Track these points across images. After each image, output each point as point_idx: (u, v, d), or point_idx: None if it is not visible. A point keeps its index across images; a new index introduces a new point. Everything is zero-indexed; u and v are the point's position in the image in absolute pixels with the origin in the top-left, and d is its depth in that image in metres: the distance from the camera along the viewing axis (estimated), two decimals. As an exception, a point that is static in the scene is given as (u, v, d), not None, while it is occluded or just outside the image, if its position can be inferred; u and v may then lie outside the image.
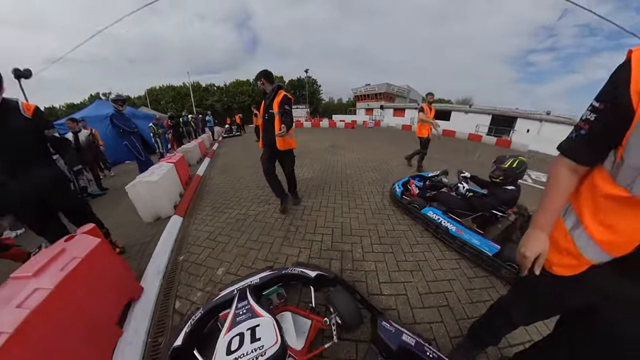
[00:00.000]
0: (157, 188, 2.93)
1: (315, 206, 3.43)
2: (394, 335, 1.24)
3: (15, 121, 1.61)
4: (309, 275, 1.65)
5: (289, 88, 40.49)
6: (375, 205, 3.49)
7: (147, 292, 1.94)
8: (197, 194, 4.07)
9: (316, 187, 4.23)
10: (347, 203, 3.55)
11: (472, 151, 10.03)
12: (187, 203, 3.55)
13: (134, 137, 4.09)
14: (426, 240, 2.64)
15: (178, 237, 2.76)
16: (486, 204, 2.44)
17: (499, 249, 2.09)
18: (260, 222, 2.98)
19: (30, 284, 1.18)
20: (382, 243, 2.56)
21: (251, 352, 1.01)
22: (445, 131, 17.61)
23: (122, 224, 3.10)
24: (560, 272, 0.82)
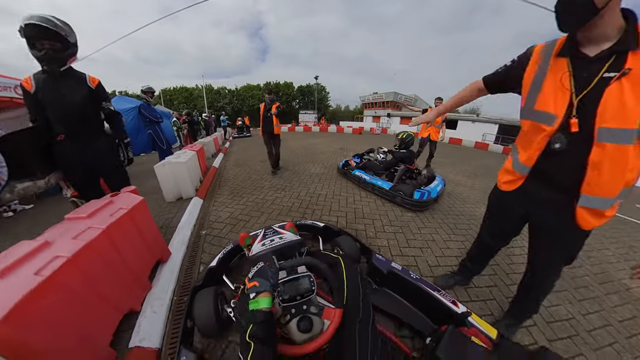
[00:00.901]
0: (183, 170, 3.15)
1: (329, 194, 3.57)
2: (385, 263, 1.54)
3: (82, 89, 1.80)
4: (318, 225, 2.07)
5: (298, 94, 41.35)
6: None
7: (174, 256, 2.08)
8: (215, 182, 4.26)
9: (328, 179, 4.39)
10: (358, 193, 3.68)
11: (476, 158, 10.02)
12: (207, 187, 3.75)
13: (158, 127, 4.33)
14: (432, 225, 2.77)
15: (199, 215, 2.92)
16: (390, 162, 3.96)
17: (391, 185, 3.41)
18: (278, 205, 3.13)
19: (85, 222, 1.35)
20: (393, 225, 2.68)
21: (277, 240, 1.37)
22: (452, 139, 17.72)
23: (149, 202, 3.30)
24: (505, 187, 1.27)
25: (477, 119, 24.86)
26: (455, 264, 2.06)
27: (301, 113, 30.41)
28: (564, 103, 0.93)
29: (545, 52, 0.99)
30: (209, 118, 12.86)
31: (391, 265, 1.51)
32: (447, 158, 8.61)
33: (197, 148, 4.35)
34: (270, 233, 1.56)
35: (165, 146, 4.39)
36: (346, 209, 3.06)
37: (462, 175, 5.67)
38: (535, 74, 1.01)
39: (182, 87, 39.27)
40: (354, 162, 4.63)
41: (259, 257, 1.28)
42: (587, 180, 0.93)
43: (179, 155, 3.53)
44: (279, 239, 1.42)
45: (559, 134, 0.96)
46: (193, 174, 3.56)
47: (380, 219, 2.84)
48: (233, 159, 6.64)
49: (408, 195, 3.12)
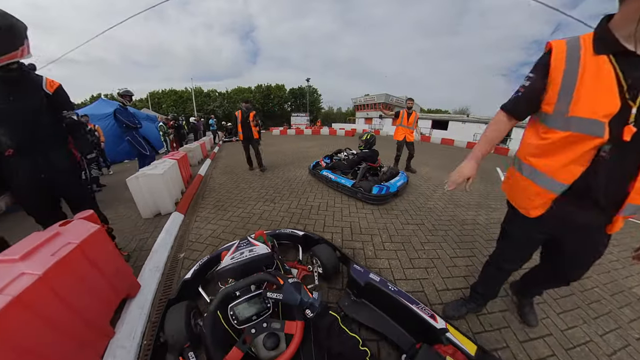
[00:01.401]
0: (159, 182, 2.82)
1: (322, 206, 3.33)
2: (362, 274, 1.47)
3: (35, 94, 1.51)
4: (298, 234, 2.02)
5: (290, 96, 41.06)
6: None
7: (145, 289, 1.79)
8: (199, 193, 3.94)
9: (321, 188, 4.15)
10: (354, 203, 3.45)
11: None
12: (189, 200, 3.42)
13: (136, 133, 4.00)
14: (436, 238, 2.56)
15: (178, 234, 2.61)
16: (353, 161, 4.17)
17: (353, 182, 3.60)
18: (267, 220, 2.86)
19: (16, 267, 1.05)
20: (393, 241, 2.47)
21: (247, 254, 1.28)
22: (444, 140, 17.93)
23: (119, 219, 2.96)
24: (535, 213, 1.06)
25: (467, 119, 25.33)
26: (464, 286, 1.87)
27: (293, 116, 30.15)
28: (613, 108, 0.77)
29: (572, 51, 0.84)
30: (198, 122, 12.38)
31: (369, 277, 1.46)
32: (440, 160, 8.55)
33: (178, 156, 4.02)
34: (244, 245, 1.51)
35: (147, 151, 4.05)
36: (341, 223, 2.81)
37: None
38: (563, 77, 0.85)
39: (171, 90, 38.39)
40: (324, 162, 4.88)
41: (223, 272, 1.24)
42: (636, 189, 0.84)
43: (156, 165, 3.19)
44: (248, 252, 1.36)
45: (609, 145, 0.81)
46: (173, 185, 3.24)
47: (379, 233, 2.61)
48: (221, 165, 6.31)
49: (367, 190, 3.37)
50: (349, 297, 1.52)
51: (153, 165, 3.15)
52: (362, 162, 4.02)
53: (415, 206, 3.50)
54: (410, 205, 3.51)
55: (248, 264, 1.25)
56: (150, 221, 2.90)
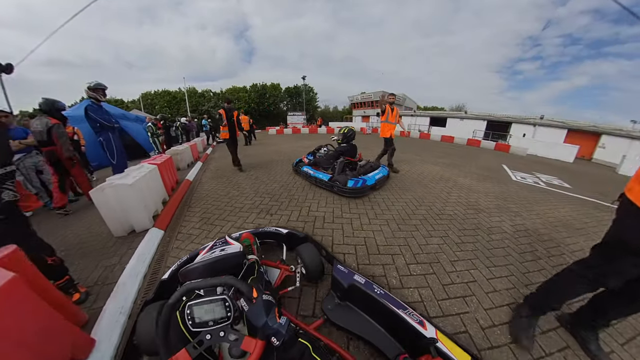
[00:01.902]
0: (131, 193, 2.32)
1: (328, 216, 2.88)
2: (347, 276, 1.37)
3: None
4: (281, 232, 1.89)
5: (286, 95, 40.47)
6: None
7: (101, 346, 1.31)
8: (185, 202, 3.45)
9: (325, 194, 3.69)
10: (364, 213, 3.00)
11: (474, 156, 9.65)
12: (171, 213, 2.93)
13: (112, 134, 3.47)
14: (466, 255, 2.11)
15: (154, 257, 2.14)
16: (332, 156, 4.26)
17: (330, 177, 3.66)
18: (262, 238, 2.38)
19: None
20: (419, 262, 2.01)
21: (217, 253, 1.18)
22: (444, 137, 17.59)
23: (88, 238, 2.47)
24: None
25: (465, 115, 25.08)
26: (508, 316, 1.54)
27: (289, 115, 29.58)
28: None
29: None
30: (190, 122, 11.77)
31: (353, 278, 1.36)
32: (447, 158, 8.16)
33: (160, 160, 3.52)
34: (219, 244, 1.38)
35: (115, 160, 3.51)
36: (353, 240, 2.35)
37: (471, 178, 5.12)
38: None
39: (164, 91, 37.57)
40: (307, 159, 4.85)
41: (188, 271, 1.09)
42: None
43: (128, 172, 2.69)
44: (219, 252, 1.22)
45: None
46: (151, 195, 2.76)
47: (401, 252, 2.15)
48: (212, 168, 5.80)
49: (343, 184, 3.40)
50: (332, 300, 1.42)
51: (126, 173, 2.65)
52: (341, 157, 4.07)
53: (434, 213, 3.07)
54: (429, 213, 3.09)
55: (213, 264, 1.10)
56: (122, 240, 2.41)
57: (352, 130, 4.24)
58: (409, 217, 2.92)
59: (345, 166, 4.02)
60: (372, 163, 4.30)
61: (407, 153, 8.67)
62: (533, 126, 19.93)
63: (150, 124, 9.10)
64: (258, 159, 6.86)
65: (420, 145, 12.07)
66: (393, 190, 3.98)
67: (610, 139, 15.14)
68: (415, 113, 28.74)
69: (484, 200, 3.74)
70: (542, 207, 3.60)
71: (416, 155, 8.29)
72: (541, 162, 9.89)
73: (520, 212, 3.31)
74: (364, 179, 3.50)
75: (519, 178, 5.59)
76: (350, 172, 3.86)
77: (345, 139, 4.19)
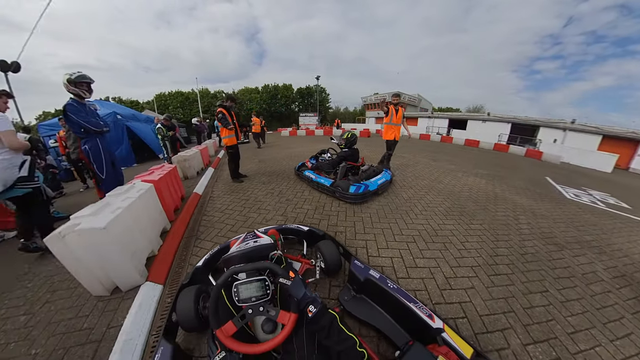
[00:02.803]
0: (106, 240, 1.47)
1: (360, 232, 1.96)
2: (363, 270, 1.49)
3: None
4: (303, 229, 2.05)
5: (298, 96, 39.90)
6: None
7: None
8: (191, 230, 2.65)
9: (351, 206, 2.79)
10: (397, 228, 2.08)
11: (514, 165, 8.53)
12: (172, 253, 2.11)
13: (100, 141, 2.73)
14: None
15: (151, 329, 1.33)
16: (335, 161, 4.17)
17: (331, 182, 3.65)
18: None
19: None
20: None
21: (251, 244, 1.36)
22: (468, 141, 16.51)
23: (52, 297, 1.70)
24: None
25: (487, 118, 23.67)
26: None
27: (301, 116, 28.89)
28: None
29: None
30: (200, 123, 11.10)
31: (369, 273, 1.46)
32: (484, 168, 7.13)
33: (159, 174, 2.69)
34: (250, 237, 1.50)
35: (104, 174, 2.76)
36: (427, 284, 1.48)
37: (525, 196, 4.44)
38: None
39: (177, 92, 37.87)
40: (310, 163, 4.69)
41: (229, 258, 1.28)
42: None
43: (108, 201, 1.81)
44: (253, 243, 1.39)
45: None
46: (142, 234, 1.92)
47: (510, 324, 1.27)
48: (225, 176, 4.96)
49: (345, 189, 3.34)
50: (349, 292, 1.53)
51: (104, 202, 1.77)
52: (343, 162, 4.00)
53: (517, 253, 2.36)
54: (512, 253, 2.39)
55: (252, 252, 1.28)
56: (106, 302, 1.62)
57: (354, 135, 4.18)
58: (493, 259, 2.14)
59: (348, 171, 4.00)
60: (375, 167, 4.22)
61: (440, 161, 7.70)
62: (563, 131, 18.61)
63: (159, 125, 8.49)
64: (275, 166, 6.07)
65: (448, 151, 11.02)
66: (463, 216, 3.22)
67: (653, 148, 13.65)
68: (432, 115, 27.39)
69: (557, 229, 3.11)
70: (618, 239, 3.07)
71: (451, 164, 7.32)
72: (579, 172, 9.22)
73: (602, 248, 2.77)
74: (366, 184, 3.47)
75: (572, 195, 5.06)
76: (353, 177, 3.81)
77: (348, 143, 4.12)
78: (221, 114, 3.99)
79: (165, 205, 2.50)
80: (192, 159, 4.90)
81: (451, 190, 4.37)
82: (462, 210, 3.41)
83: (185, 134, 13.90)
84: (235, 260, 1.23)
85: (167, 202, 2.64)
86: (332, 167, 4.16)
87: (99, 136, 2.76)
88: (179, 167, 4.60)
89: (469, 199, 3.97)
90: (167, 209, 2.59)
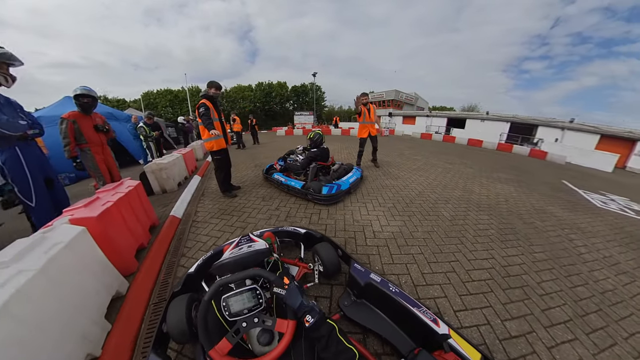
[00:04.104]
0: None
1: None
2: (363, 274, 1.44)
3: None
4: (300, 232, 1.96)
5: (292, 94, 38.88)
6: None
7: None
8: (163, 283, 1.78)
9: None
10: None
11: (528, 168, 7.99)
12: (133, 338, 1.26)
13: (23, 152, 1.84)
14: None
15: None
16: (305, 163, 3.98)
17: (302, 184, 3.48)
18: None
19: None
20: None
21: (245, 250, 1.24)
22: (471, 140, 16.21)
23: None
24: None
25: (486, 117, 23.46)
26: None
27: (296, 114, 27.88)
28: None
29: None
30: (188, 122, 10.04)
31: (370, 277, 1.41)
32: (502, 171, 6.62)
33: (101, 206, 1.65)
34: (244, 241, 1.40)
35: (36, 201, 1.90)
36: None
37: (560, 207, 4.12)
38: None
39: (166, 90, 36.26)
40: (279, 165, 4.50)
41: (222, 265, 1.18)
42: None
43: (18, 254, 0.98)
44: (247, 248, 1.27)
45: None
46: (70, 319, 1.08)
47: None
48: (214, 188, 4.05)
49: (317, 191, 3.24)
50: (349, 297, 1.49)
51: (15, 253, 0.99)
52: (312, 162, 3.90)
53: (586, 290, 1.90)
54: (572, 281, 2.05)
55: (245, 259, 1.17)
56: None
57: (319, 134, 4.10)
58: (582, 308, 1.65)
59: (318, 171, 3.92)
60: (346, 165, 4.26)
61: (455, 164, 7.14)
62: (561, 130, 18.89)
63: (141, 124, 7.42)
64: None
65: (456, 152, 10.54)
66: (520, 241, 2.67)
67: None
68: (430, 114, 26.93)
69: (613, 250, 2.78)
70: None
71: (468, 168, 6.75)
72: (586, 173, 9.24)
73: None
74: (338, 184, 3.45)
75: (601, 203, 4.78)
76: (324, 178, 3.76)
77: (314, 144, 4.04)
78: (203, 107, 3.01)
79: (116, 254, 1.61)
80: (171, 167, 3.93)
81: (489, 203, 3.82)
82: (514, 231, 2.93)
83: (175, 134, 12.81)
84: (228, 266, 1.15)
85: (122, 246, 1.74)
86: (302, 168, 4.00)
87: (20, 143, 1.86)
88: (153, 177, 3.67)
89: (511, 213, 3.49)
90: (122, 257, 1.70)
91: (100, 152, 3.03)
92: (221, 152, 3.37)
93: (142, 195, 2.36)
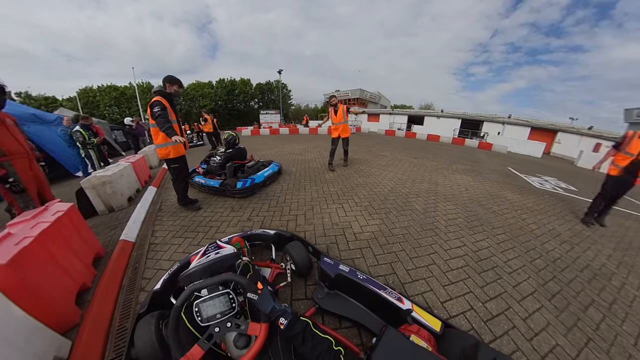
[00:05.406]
0: None
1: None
2: (332, 266, 1.49)
3: None
4: (269, 233, 1.98)
5: (257, 92, 37.45)
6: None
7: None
8: (118, 330, 1.46)
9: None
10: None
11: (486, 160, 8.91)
12: None
13: None
14: None
15: None
16: (222, 163, 4.21)
17: (220, 182, 3.75)
18: None
19: None
20: None
21: (213, 257, 1.23)
22: (430, 136, 17.47)
23: None
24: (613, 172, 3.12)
25: (441, 114, 25.64)
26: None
27: (262, 113, 26.90)
28: None
29: None
30: (138, 124, 8.79)
31: (339, 268, 1.48)
32: (459, 163, 7.22)
33: (14, 247, 1.21)
34: (211, 249, 1.38)
35: None
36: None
37: (511, 191, 4.46)
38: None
39: (110, 86, 31.78)
40: (202, 168, 4.65)
41: (189, 274, 1.12)
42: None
43: None
44: (214, 255, 1.26)
45: None
46: None
47: None
48: (174, 199, 3.51)
49: (232, 186, 3.52)
50: (322, 290, 1.53)
51: None
52: (229, 162, 4.11)
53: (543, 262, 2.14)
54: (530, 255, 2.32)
55: (214, 264, 1.16)
56: None
57: (233, 135, 4.36)
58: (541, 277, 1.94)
59: (236, 169, 4.14)
60: (263, 162, 4.70)
61: (419, 158, 7.59)
62: (502, 124, 21.79)
63: (77, 128, 6.19)
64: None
65: (418, 147, 11.33)
66: (484, 226, 2.86)
67: (564, 136, 17.32)
68: (393, 112, 28.45)
69: (556, 224, 3.30)
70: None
71: (431, 161, 7.24)
72: (524, 159, 10.70)
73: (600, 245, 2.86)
74: (252, 178, 3.77)
75: (539, 185, 5.60)
76: (242, 174, 4.00)
77: (228, 144, 4.30)
78: (159, 107, 2.59)
79: (46, 307, 1.23)
80: (117, 179, 3.31)
81: (453, 194, 4.16)
82: (477, 217, 3.23)
83: (124, 138, 11.18)
84: (197, 275, 1.10)
85: (54, 294, 1.34)
86: (221, 168, 4.23)
87: None
88: (95, 194, 3.08)
89: (472, 201, 3.85)
90: (57, 309, 1.31)
91: (27, 166, 2.33)
92: (179, 159, 2.97)
93: (79, 220, 1.91)
